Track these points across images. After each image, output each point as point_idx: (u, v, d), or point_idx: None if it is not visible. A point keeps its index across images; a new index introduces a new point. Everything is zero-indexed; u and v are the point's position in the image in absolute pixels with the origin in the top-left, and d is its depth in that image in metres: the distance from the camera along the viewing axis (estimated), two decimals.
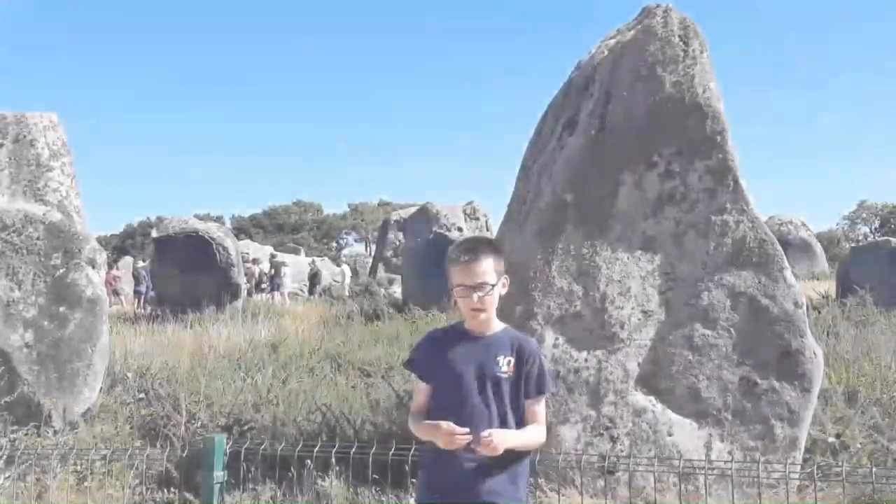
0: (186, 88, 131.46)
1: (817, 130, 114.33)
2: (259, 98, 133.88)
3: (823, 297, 15.13)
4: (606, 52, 5.24)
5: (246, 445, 3.90)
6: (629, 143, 4.90)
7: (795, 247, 25.50)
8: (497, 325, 2.80)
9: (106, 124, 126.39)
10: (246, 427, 6.26)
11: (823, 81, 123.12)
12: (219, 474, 3.36)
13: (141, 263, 25.51)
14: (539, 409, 2.78)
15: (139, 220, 68.68)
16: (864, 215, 69.38)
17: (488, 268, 2.68)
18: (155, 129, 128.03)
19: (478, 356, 2.70)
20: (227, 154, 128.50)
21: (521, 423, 2.69)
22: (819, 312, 11.13)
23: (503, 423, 2.63)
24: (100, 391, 7.21)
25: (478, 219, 17.47)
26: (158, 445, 6.42)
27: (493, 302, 2.72)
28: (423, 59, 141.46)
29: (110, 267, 31.01)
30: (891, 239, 15.41)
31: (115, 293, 26.10)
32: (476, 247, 2.75)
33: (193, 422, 6.43)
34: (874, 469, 3.83)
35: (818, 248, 29.35)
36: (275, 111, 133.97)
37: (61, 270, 6.91)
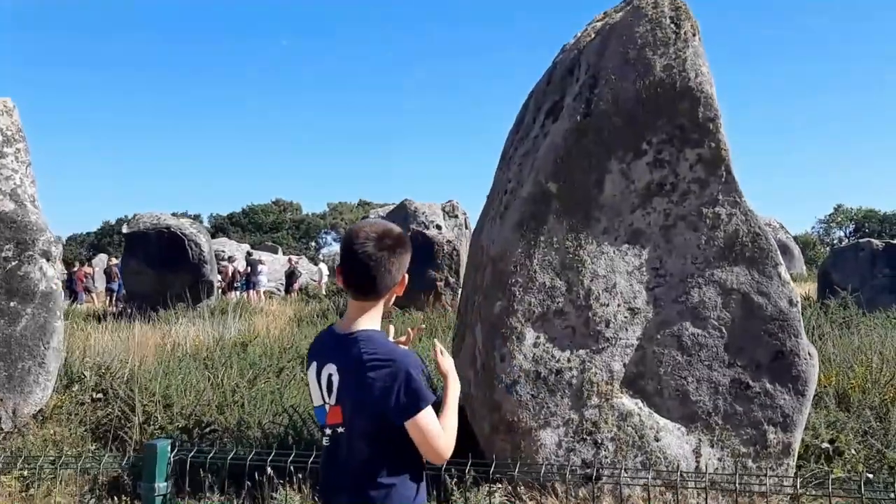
0: (166, 86, 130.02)
1: (794, 135, 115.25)
2: (240, 96, 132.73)
3: (805, 298, 14.99)
4: (593, 35, 4.95)
5: (192, 454, 3.53)
6: (617, 129, 4.60)
7: None
8: None
9: (85, 121, 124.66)
10: (207, 430, 5.90)
11: (801, 86, 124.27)
12: (161, 485, 3.00)
13: (114, 261, 24.96)
14: None
15: (117, 218, 67.80)
16: (839, 219, 70.04)
17: None
18: (135, 127, 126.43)
19: None
20: (206, 153, 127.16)
21: None
22: (801, 314, 10.94)
23: None
24: (54, 390, 6.81)
25: (456, 216, 17.14)
26: (114, 449, 6.06)
27: None
28: (414, 57, 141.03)
29: (82, 264, 30.40)
30: (872, 240, 15.30)
31: (87, 290, 25.55)
32: None
33: (151, 423, 6.05)
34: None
35: (796, 250, 29.39)
36: (255, 110, 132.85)
37: (13, 263, 6.51)
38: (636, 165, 4.62)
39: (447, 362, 2.46)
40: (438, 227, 16.26)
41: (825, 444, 4.88)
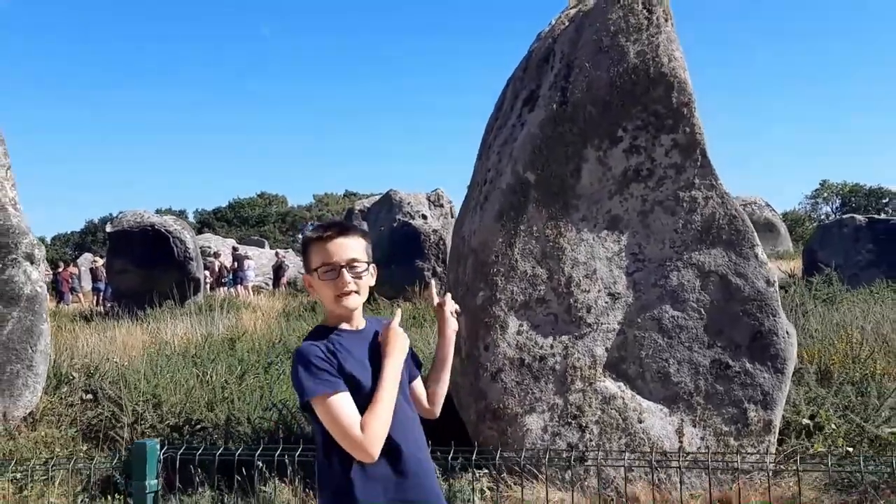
0: (144, 81, 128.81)
1: (777, 110, 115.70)
2: (221, 89, 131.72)
3: (790, 275, 15.15)
4: (567, 23, 4.99)
5: (181, 451, 3.58)
6: (592, 118, 4.65)
7: (759, 227, 25.56)
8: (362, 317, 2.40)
9: (61, 119, 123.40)
10: (198, 427, 5.94)
11: (786, 60, 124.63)
12: (152, 483, 3.05)
13: (99, 260, 24.83)
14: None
15: (100, 217, 67.30)
16: (825, 195, 70.34)
17: (358, 245, 2.29)
18: (113, 124, 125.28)
19: (374, 354, 2.27)
20: (188, 148, 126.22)
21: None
22: (786, 291, 11.08)
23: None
24: (43, 392, 6.83)
25: (442, 206, 17.16)
26: (107, 448, 6.09)
27: (366, 286, 2.31)
28: (402, 53, 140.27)
29: (67, 264, 30.20)
30: (855, 216, 15.44)
31: (72, 290, 25.42)
32: (341, 223, 2.40)
33: (141, 423, 6.09)
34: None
35: (783, 227, 29.56)
36: (237, 103, 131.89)
37: None
38: (612, 153, 4.68)
39: (391, 334, 2.26)
40: (424, 217, 16.30)
41: (806, 420, 4.98)
